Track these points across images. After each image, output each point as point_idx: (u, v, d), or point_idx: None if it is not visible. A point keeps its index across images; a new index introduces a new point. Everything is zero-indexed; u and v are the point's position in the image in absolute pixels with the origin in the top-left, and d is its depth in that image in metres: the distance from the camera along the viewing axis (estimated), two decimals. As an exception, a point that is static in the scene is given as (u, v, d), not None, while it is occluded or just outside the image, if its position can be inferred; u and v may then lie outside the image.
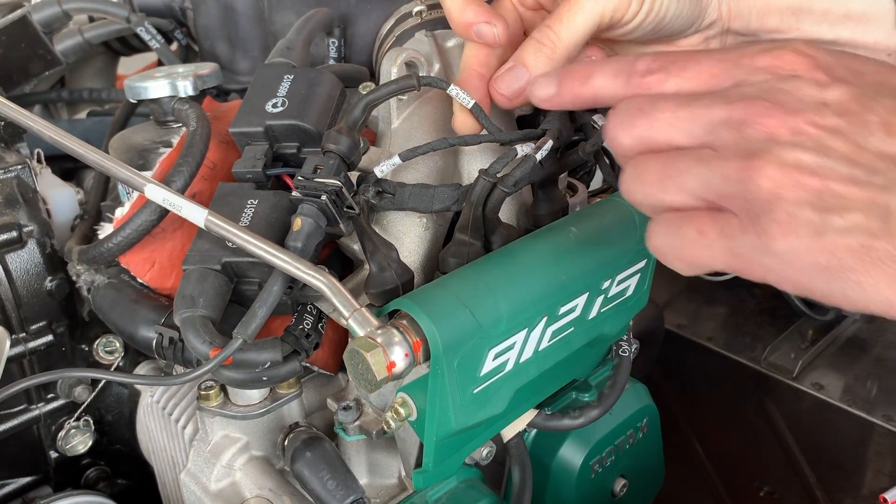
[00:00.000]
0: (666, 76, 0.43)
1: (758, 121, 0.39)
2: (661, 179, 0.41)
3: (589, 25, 0.54)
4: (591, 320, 0.57)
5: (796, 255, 0.37)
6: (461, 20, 0.56)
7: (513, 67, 0.55)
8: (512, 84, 0.55)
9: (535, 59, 0.54)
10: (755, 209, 0.38)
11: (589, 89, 0.47)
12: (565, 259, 0.54)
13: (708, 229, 0.40)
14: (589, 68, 0.47)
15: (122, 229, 0.59)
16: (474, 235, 0.56)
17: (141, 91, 0.67)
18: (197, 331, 0.52)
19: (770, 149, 0.38)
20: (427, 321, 0.46)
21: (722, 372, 1.07)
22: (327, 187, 0.53)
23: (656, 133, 0.41)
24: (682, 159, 0.40)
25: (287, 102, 0.61)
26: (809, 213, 0.37)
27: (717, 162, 0.39)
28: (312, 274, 0.50)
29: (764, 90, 0.40)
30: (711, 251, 0.40)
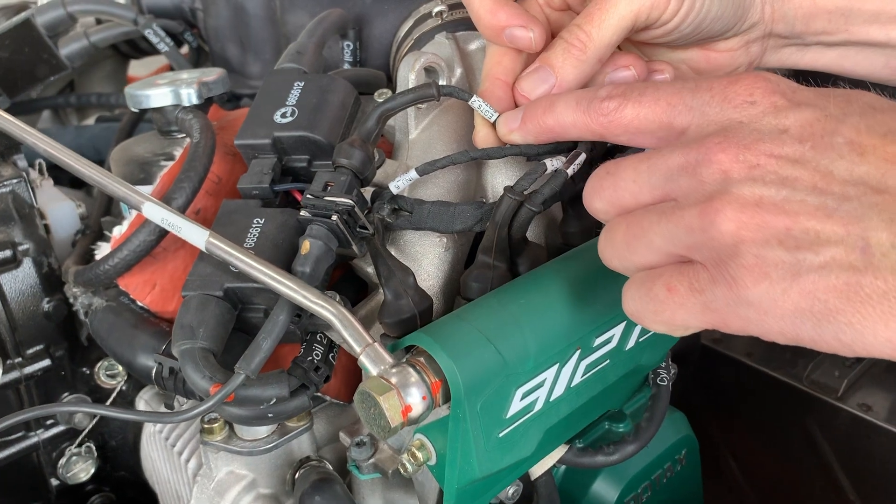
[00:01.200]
0: (624, 102, 0.42)
1: (711, 159, 0.36)
2: (627, 241, 0.39)
3: (623, 26, 0.49)
4: (628, 351, 0.52)
5: (773, 302, 0.34)
6: (492, 23, 0.51)
7: (539, 68, 0.50)
8: (537, 86, 0.50)
9: (564, 61, 0.49)
10: (721, 256, 0.35)
11: (552, 118, 0.46)
12: (600, 285, 0.49)
13: (676, 284, 0.37)
14: (552, 98, 0.47)
15: (119, 250, 0.55)
16: (499, 258, 0.51)
17: (142, 100, 0.63)
18: (196, 364, 0.47)
19: (727, 188, 0.36)
20: (447, 360, 0.41)
21: (760, 390, 1.01)
22: (338, 206, 0.49)
23: (623, 192, 0.40)
24: (645, 217, 0.39)
25: (297, 112, 0.56)
26: (780, 253, 0.34)
27: (678, 213, 0.37)
28: (321, 303, 0.45)
29: (719, 125, 0.38)
30: (685, 309, 0.37)
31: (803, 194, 0.34)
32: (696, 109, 0.40)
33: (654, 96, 0.41)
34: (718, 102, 0.39)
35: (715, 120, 0.39)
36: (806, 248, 0.34)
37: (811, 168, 0.35)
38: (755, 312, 0.35)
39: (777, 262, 0.34)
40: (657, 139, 0.43)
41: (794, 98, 0.38)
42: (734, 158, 0.36)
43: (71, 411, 0.59)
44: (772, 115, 0.37)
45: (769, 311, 0.35)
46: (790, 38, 0.55)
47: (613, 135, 0.44)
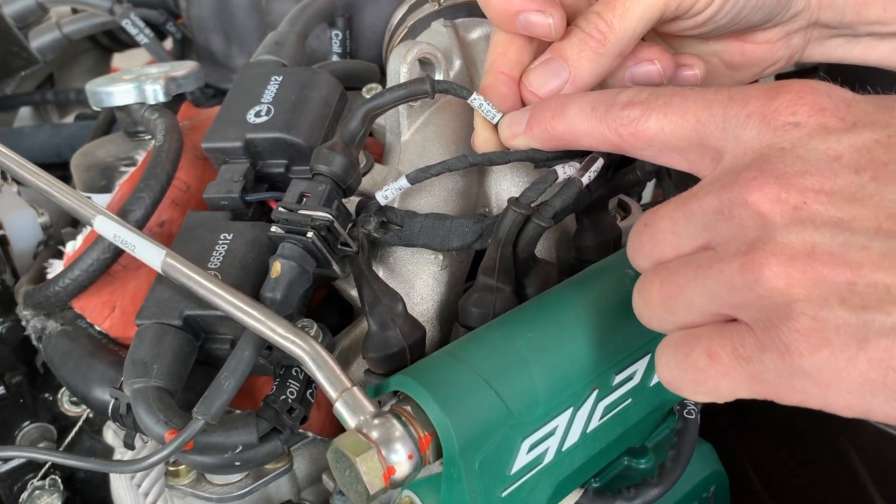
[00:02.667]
0: (647, 111, 0.36)
1: (746, 200, 0.30)
2: (664, 300, 0.34)
3: (649, 16, 0.42)
4: (652, 387, 0.45)
5: (836, 373, 0.28)
6: (503, 7, 0.43)
7: (550, 60, 0.43)
8: (547, 81, 0.43)
9: (579, 54, 0.42)
10: (770, 318, 0.29)
11: (562, 124, 0.40)
12: (621, 312, 0.41)
13: (718, 350, 0.32)
14: (563, 100, 0.41)
15: (71, 270, 0.48)
16: (503, 279, 0.44)
17: (104, 97, 0.56)
18: (150, 407, 0.41)
19: (770, 235, 0.30)
20: (438, 411, 0.34)
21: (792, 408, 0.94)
22: (315, 221, 0.42)
23: (664, 246, 0.34)
24: (681, 271, 0.33)
25: (273, 110, 0.49)
26: (842, 314, 0.28)
27: (716, 266, 0.31)
28: (290, 338, 0.39)
29: (755, 153, 0.32)
30: (729, 380, 0.31)
31: (865, 239, 0.28)
32: (730, 133, 0.33)
33: (682, 108, 0.35)
34: (756, 123, 0.32)
35: (751, 147, 0.32)
36: (874, 306, 0.27)
37: (873, 205, 0.28)
38: (814, 385, 0.29)
39: (839, 326, 0.28)
40: (688, 161, 0.36)
41: (848, 115, 0.31)
42: (773, 197, 0.30)
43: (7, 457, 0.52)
44: (820, 138, 0.30)
45: (831, 383, 0.28)
46: (838, 28, 0.48)
47: (635, 149, 0.37)
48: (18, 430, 0.61)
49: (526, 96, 0.45)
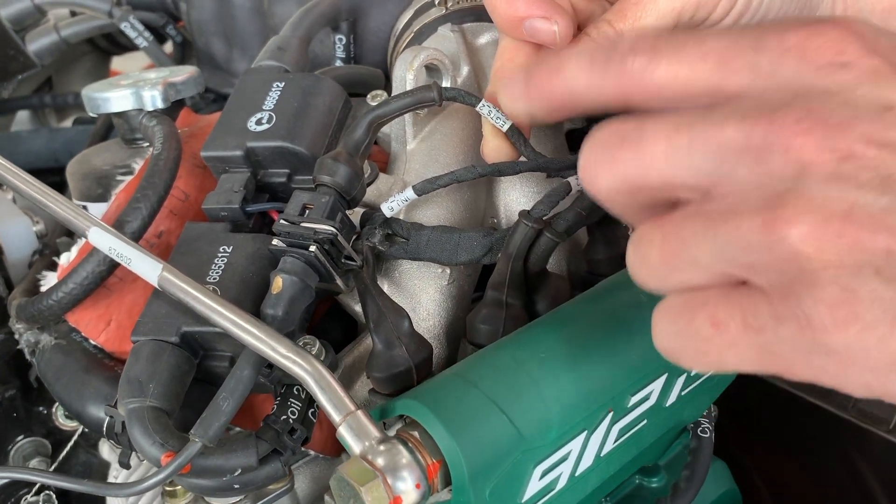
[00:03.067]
0: (656, 59, 0.30)
1: (786, 143, 0.25)
2: (665, 258, 0.28)
3: (661, 25, 0.40)
4: (668, 407, 0.43)
5: (865, 352, 0.25)
6: (508, 12, 0.42)
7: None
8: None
9: None
10: (791, 285, 0.25)
11: (560, 83, 0.34)
12: (636, 329, 0.40)
13: (725, 318, 0.27)
14: (562, 54, 0.34)
15: (65, 283, 0.46)
16: (513, 294, 0.42)
17: (100, 103, 0.54)
18: (145, 428, 0.39)
19: (804, 187, 0.25)
20: (447, 438, 0.33)
21: (802, 419, 0.92)
22: (318, 234, 0.40)
23: (647, 170, 0.28)
24: (686, 225, 0.28)
25: (274, 118, 0.48)
26: (876, 286, 0.24)
27: (732, 221, 0.26)
28: (292, 357, 0.37)
29: (793, 93, 0.27)
30: (736, 351, 0.27)
31: None
32: (762, 69, 0.28)
33: (699, 50, 0.29)
34: (795, 60, 0.27)
35: (789, 85, 0.27)
36: None
37: None
38: (835, 363, 0.26)
39: (872, 299, 0.24)
40: None
41: None
42: (820, 145, 0.25)
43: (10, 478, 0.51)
44: (871, 83, 0.26)
45: (855, 362, 0.25)
46: None
47: (641, 101, 0.31)
48: (12, 444, 0.59)
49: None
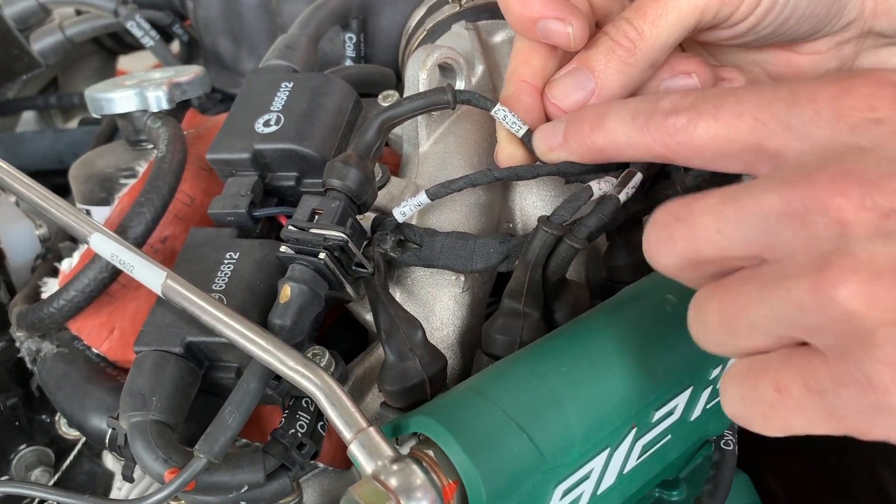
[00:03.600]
0: (695, 117, 0.32)
1: (826, 205, 0.26)
2: (725, 323, 0.29)
3: (684, 24, 0.38)
4: (693, 422, 0.42)
5: None
6: (521, 13, 0.40)
7: (574, 70, 0.40)
8: (571, 93, 0.40)
9: (607, 63, 0.39)
10: (848, 346, 0.25)
11: (601, 136, 0.36)
12: (662, 341, 0.38)
13: (787, 383, 0.28)
14: (602, 109, 0.37)
15: (66, 290, 0.45)
16: (530, 304, 0.40)
17: (104, 104, 0.53)
18: (148, 442, 0.37)
19: (849, 247, 0.25)
20: (464, 458, 0.31)
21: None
22: (327, 241, 0.39)
23: (704, 245, 0.29)
24: (742, 290, 0.29)
25: (283, 119, 0.46)
26: None
27: (784, 285, 0.27)
28: (301, 370, 0.35)
29: (830, 153, 0.27)
30: (802, 415, 0.27)
31: None
32: (797, 130, 0.29)
33: (736, 109, 0.31)
34: (828, 120, 0.28)
35: (825, 145, 0.28)
36: None
37: None
38: None
39: None
40: (744, 163, 0.32)
41: None
42: (858, 204, 0.25)
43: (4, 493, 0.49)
44: None
45: None
46: (894, 37, 0.44)
47: (684, 159, 0.33)
48: (14, 453, 0.58)
49: (549, 108, 0.41)
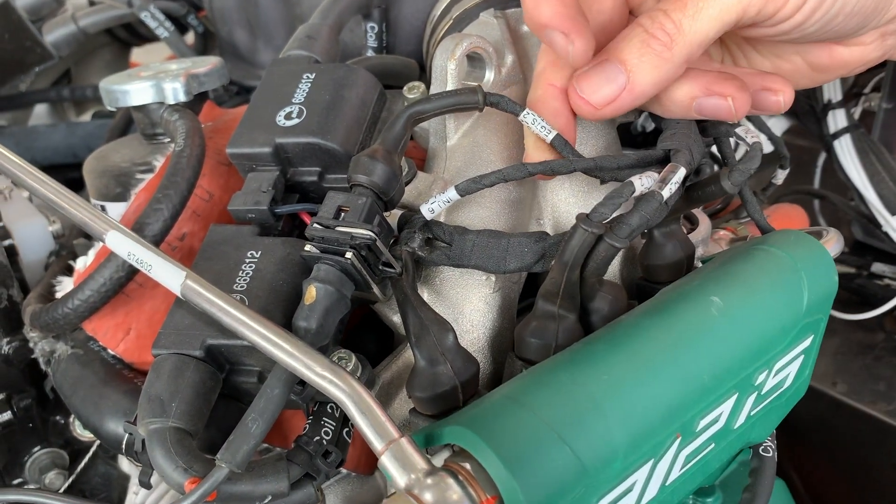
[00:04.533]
0: None
1: None
2: None
3: (724, 18, 0.36)
4: (737, 430, 0.40)
5: None
6: (532, 15, 0.38)
7: (605, 63, 0.38)
8: (600, 87, 0.38)
9: (640, 57, 0.37)
10: None
11: None
12: (708, 346, 0.36)
13: None
14: None
15: (81, 290, 0.43)
16: (566, 305, 0.38)
17: (119, 96, 0.51)
18: (167, 450, 0.36)
19: None
20: (504, 472, 0.29)
21: (847, 427, 0.87)
22: (355, 239, 0.37)
23: None
24: None
25: (305, 112, 0.44)
26: None
27: None
28: (328, 377, 0.33)
29: None
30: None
31: None
32: None
33: None
34: None
35: None
36: None
37: None
38: None
39: None
40: None
41: None
42: None
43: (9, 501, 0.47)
44: None
45: None
46: None
47: None
48: (28, 455, 0.57)
49: (576, 103, 0.40)
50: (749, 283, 0.39)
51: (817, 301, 0.41)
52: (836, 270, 0.42)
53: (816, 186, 0.93)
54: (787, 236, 0.42)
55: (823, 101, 0.77)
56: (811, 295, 0.40)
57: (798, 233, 0.43)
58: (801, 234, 0.43)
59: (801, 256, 0.41)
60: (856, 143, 0.76)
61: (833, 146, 0.77)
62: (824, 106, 0.77)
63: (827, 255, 0.42)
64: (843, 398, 0.89)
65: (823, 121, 0.78)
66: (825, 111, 0.77)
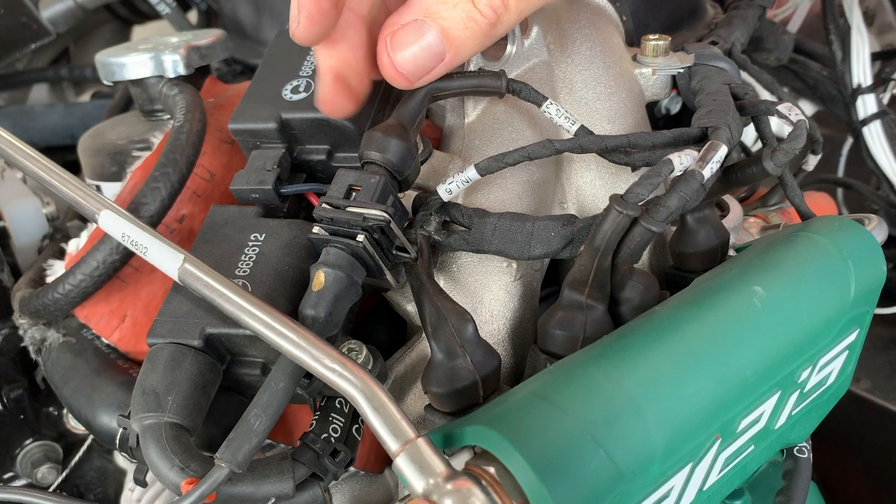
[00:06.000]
0: None
1: None
2: None
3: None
4: (777, 430, 0.37)
5: None
6: None
7: (424, 30, 0.35)
8: (419, 58, 0.35)
9: (465, 32, 0.35)
10: None
11: None
12: (750, 340, 0.33)
13: None
14: None
15: (72, 274, 0.40)
16: (595, 295, 0.35)
17: (115, 69, 0.48)
18: (163, 448, 0.33)
19: None
20: (533, 478, 0.26)
21: (870, 425, 0.84)
22: (367, 221, 0.34)
23: None
24: None
25: (313, 86, 0.41)
26: None
27: None
28: (339, 371, 0.30)
29: None
30: None
31: None
32: None
33: None
34: None
35: None
36: None
37: None
38: None
39: None
40: None
41: None
42: None
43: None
44: None
45: None
46: None
47: None
48: (20, 448, 0.54)
49: (389, 72, 0.36)
50: (793, 272, 0.36)
51: (864, 292, 0.38)
52: (885, 259, 0.39)
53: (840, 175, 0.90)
54: (831, 222, 0.39)
55: (853, 86, 0.74)
56: (858, 285, 0.37)
57: (843, 219, 0.40)
58: (847, 220, 0.40)
59: (847, 244, 0.38)
60: (886, 130, 0.73)
61: (862, 133, 0.74)
62: (853, 91, 0.74)
63: (875, 243, 0.39)
64: (866, 395, 0.86)
65: (852, 106, 0.74)
66: (854, 97, 0.74)
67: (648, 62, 0.46)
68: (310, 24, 0.33)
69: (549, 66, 0.44)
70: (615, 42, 0.46)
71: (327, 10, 0.33)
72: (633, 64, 0.46)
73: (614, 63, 0.45)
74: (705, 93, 0.41)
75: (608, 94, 0.43)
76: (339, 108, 0.37)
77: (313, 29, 0.34)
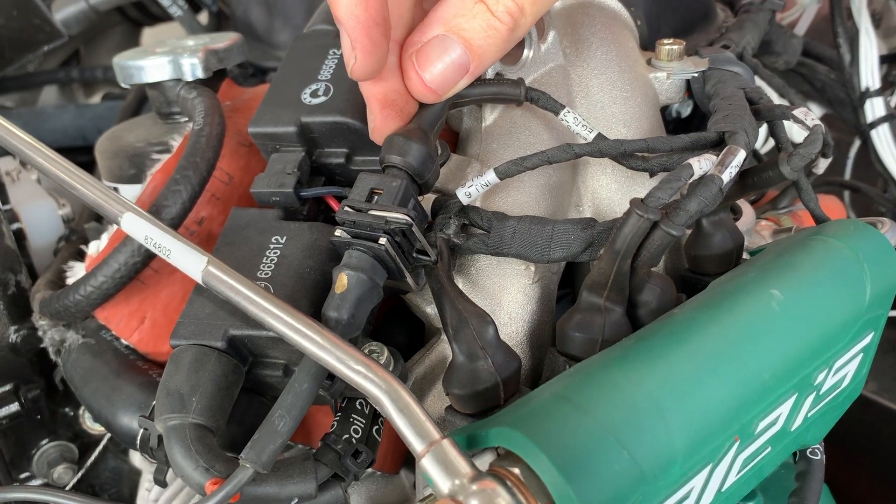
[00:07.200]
0: None
1: None
2: None
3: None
4: (794, 431, 0.37)
5: None
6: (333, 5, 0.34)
7: (448, 45, 0.35)
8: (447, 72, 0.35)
9: (486, 40, 0.34)
10: None
11: None
12: (768, 343, 0.33)
13: None
14: None
15: (93, 276, 0.41)
16: (614, 298, 0.36)
17: (133, 72, 0.48)
18: (187, 449, 0.33)
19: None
20: (559, 479, 0.27)
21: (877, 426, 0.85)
22: (389, 224, 0.34)
23: None
24: None
25: (332, 89, 0.42)
26: None
27: None
28: (363, 372, 0.31)
29: None
30: None
31: None
32: None
33: None
34: None
35: None
36: None
37: None
38: None
39: None
40: None
41: None
42: None
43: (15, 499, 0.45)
44: None
45: None
46: None
47: None
48: (36, 448, 0.54)
49: (416, 86, 0.36)
50: (809, 275, 0.36)
51: (880, 295, 0.38)
52: (900, 263, 0.39)
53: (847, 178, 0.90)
54: (846, 226, 0.40)
55: (861, 90, 0.74)
56: (874, 288, 0.38)
57: (857, 222, 0.40)
58: (861, 223, 0.40)
59: (863, 247, 0.38)
60: (894, 133, 0.73)
61: (870, 136, 0.75)
62: (861, 94, 0.75)
63: (889, 246, 0.39)
64: (872, 396, 0.86)
65: (860, 110, 0.75)
66: (862, 100, 0.75)
67: (663, 66, 0.46)
68: (366, 57, 0.34)
69: (565, 70, 0.44)
70: (630, 46, 0.46)
71: (379, 41, 0.33)
72: (647, 68, 0.46)
73: (629, 67, 0.45)
74: (720, 97, 0.41)
75: (624, 98, 0.44)
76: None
77: (369, 61, 0.34)
